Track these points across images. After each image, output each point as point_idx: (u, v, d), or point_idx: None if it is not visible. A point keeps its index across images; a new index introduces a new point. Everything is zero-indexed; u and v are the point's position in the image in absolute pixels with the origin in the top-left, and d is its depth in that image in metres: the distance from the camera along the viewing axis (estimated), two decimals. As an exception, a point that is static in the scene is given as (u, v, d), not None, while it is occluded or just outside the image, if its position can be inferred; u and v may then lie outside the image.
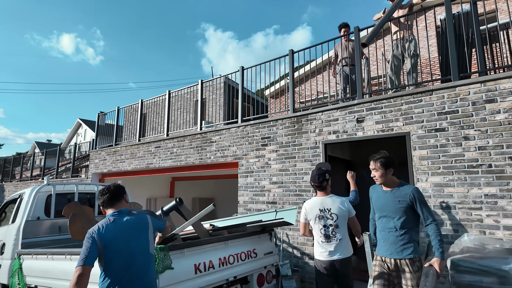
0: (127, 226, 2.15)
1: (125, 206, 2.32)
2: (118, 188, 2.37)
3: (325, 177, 2.97)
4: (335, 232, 2.84)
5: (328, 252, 2.83)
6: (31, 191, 4.60)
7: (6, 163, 16.24)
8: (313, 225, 2.93)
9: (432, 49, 7.04)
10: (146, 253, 2.18)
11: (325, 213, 2.87)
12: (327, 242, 2.85)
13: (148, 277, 2.14)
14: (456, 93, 3.73)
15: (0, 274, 4.33)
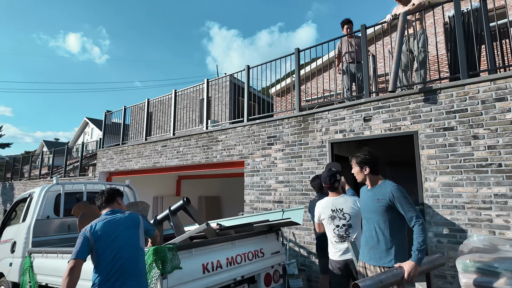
0: (118, 223, 2.32)
1: (118, 207, 2.53)
2: (112, 191, 2.58)
3: (336, 178, 2.98)
4: (348, 232, 2.84)
5: (342, 252, 2.83)
6: (40, 190, 4.66)
7: (15, 161, 16.48)
8: (327, 225, 2.95)
9: (439, 46, 6.96)
10: (135, 246, 2.30)
11: (337, 213, 2.88)
12: (340, 242, 2.85)
13: (137, 269, 2.25)
14: (465, 91, 3.69)
15: (12, 272, 4.40)
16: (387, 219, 2.32)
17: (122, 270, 2.16)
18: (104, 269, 2.16)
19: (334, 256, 2.88)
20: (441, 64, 7.21)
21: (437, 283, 3.61)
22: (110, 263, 2.17)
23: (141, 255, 2.33)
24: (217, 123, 8.13)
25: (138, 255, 2.29)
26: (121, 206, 2.58)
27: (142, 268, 2.30)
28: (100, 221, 2.32)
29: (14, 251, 4.47)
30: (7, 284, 4.50)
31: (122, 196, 2.64)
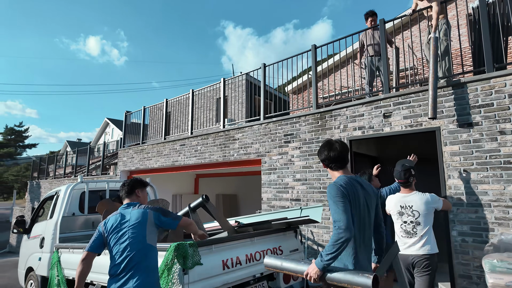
0: (127, 219, 2.34)
1: (135, 199, 2.52)
2: (132, 182, 2.58)
3: (411, 173, 2.95)
4: (416, 229, 2.83)
5: (407, 246, 2.84)
6: (66, 188, 4.85)
7: (41, 161, 17.19)
8: (394, 220, 2.99)
9: (462, 39, 6.71)
10: (142, 242, 2.27)
11: (406, 210, 2.89)
12: (407, 237, 2.87)
13: (145, 265, 2.24)
14: (491, 85, 3.55)
15: (41, 266, 4.61)
16: None
17: (132, 265, 2.20)
18: (116, 262, 2.23)
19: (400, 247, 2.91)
20: (464, 58, 6.96)
21: (462, 284, 3.50)
22: (120, 257, 2.23)
23: (149, 250, 2.30)
24: (234, 121, 8.18)
25: (145, 251, 2.28)
26: (139, 198, 2.56)
27: (150, 263, 2.28)
28: (113, 215, 2.40)
29: (42, 246, 4.68)
30: (36, 277, 4.71)
31: (143, 187, 2.62)
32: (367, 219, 1.99)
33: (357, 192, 1.96)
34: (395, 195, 3.06)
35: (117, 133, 25.42)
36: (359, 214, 1.94)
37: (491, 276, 2.61)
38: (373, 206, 2.06)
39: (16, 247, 14.81)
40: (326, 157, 2.08)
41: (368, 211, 2.00)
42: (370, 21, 5.19)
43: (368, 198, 2.02)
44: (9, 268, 9.14)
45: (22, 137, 35.31)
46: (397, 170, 3.02)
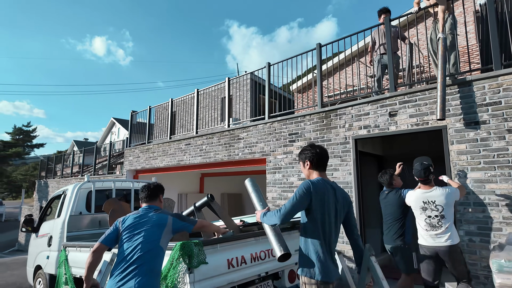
0: (147, 219, 2.39)
1: (158, 204, 2.58)
2: (156, 187, 2.63)
3: (431, 171, 3.06)
4: (441, 222, 2.93)
5: (432, 239, 2.95)
6: (73, 187, 4.90)
7: (49, 161, 17.40)
8: (417, 215, 3.05)
9: (469, 36, 6.63)
10: (155, 243, 2.31)
11: (429, 205, 2.97)
12: (433, 230, 2.96)
13: (152, 266, 2.26)
14: (499, 83, 3.50)
15: (49, 264, 4.67)
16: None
17: (139, 263, 2.22)
18: (124, 258, 2.25)
19: (425, 242, 2.99)
20: (472, 55, 6.87)
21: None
22: (130, 253, 2.26)
23: (158, 253, 2.33)
24: (239, 121, 8.19)
25: (154, 253, 2.30)
26: (162, 203, 2.65)
27: (157, 265, 2.31)
28: (133, 214, 2.45)
29: (50, 244, 4.74)
30: (44, 275, 4.77)
31: (164, 193, 2.71)
32: (333, 223, 2.08)
33: (328, 195, 2.05)
34: (415, 191, 3.11)
35: (123, 133, 25.62)
36: (328, 215, 2.03)
37: (498, 276, 2.58)
38: (342, 213, 2.13)
39: (24, 245, 15.03)
40: (311, 155, 2.14)
41: (336, 216, 2.08)
42: (383, 18, 5.02)
43: (339, 204, 2.11)
44: (18, 266, 9.28)
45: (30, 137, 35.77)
46: (416, 169, 3.09)
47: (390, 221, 3.59)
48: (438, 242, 2.93)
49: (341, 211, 2.11)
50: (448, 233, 2.93)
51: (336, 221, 2.10)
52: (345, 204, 2.15)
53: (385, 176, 3.79)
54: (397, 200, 3.53)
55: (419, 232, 3.07)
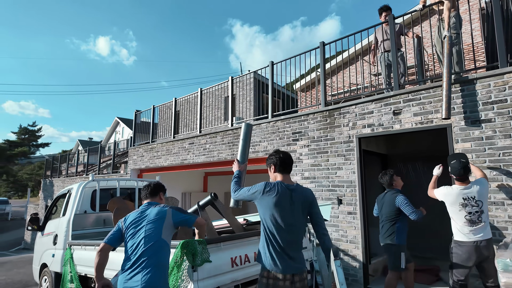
0: (147, 214, 2.45)
1: (158, 200, 2.67)
2: (157, 185, 2.75)
3: (469, 168, 3.05)
4: (480, 218, 2.93)
5: (473, 234, 2.93)
6: (78, 186, 4.94)
7: (54, 160, 17.55)
8: (456, 211, 3.02)
9: (475, 33, 6.56)
10: (156, 237, 2.34)
11: (469, 201, 2.96)
12: (472, 225, 2.94)
13: (156, 260, 2.27)
14: (504, 80, 3.47)
15: (54, 263, 4.71)
16: None
17: (143, 258, 2.25)
18: (129, 256, 2.30)
19: (463, 238, 2.97)
20: (477, 53, 6.81)
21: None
22: (134, 250, 2.30)
23: (162, 246, 2.35)
24: (242, 120, 8.19)
25: (158, 246, 2.32)
26: (162, 201, 2.72)
27: (162, 259, 2.32)
28: (134, 212, 2.51)
29: (56, 243, 4.78)
30: (50, 274, 4.82)
31: (165, 192, 2.82)
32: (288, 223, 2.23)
33: (283, 197, 2.25)
34: (453, 189, 3.05)
35: (127, 132, 25.75)
36: (279, 215, 2.22)
37: (504, 276, 2.56)
38: (299, 213, 2.28)
39: (30, 243, 15.19)
40: (275, 160, 2.39)
41: (292, 216, 2.25)
42: (384, 16, 5.02)
43: (294, 205, 2.27)
44: (24, 264, 9.38)
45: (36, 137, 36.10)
46: (455, 167, 3.03)
47: (384, 221, 3.70)
48: (479, 237, 2.91)
49: (297, 211, 2.27)
50: (487, 227, 2.95)
51: (293, 221, 2.24)
52: (304, 205, 2.30)
53: (385, 177, 3.82)
54: (392, 201, 3.61)
55: (457, 229, 3.01)
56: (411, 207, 3.51)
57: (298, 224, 2.29)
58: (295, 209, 2.26)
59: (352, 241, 4.55)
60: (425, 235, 5.47)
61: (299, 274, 2.22)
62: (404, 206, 3.53)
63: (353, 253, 4.54)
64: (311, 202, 2.34)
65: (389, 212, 3.64)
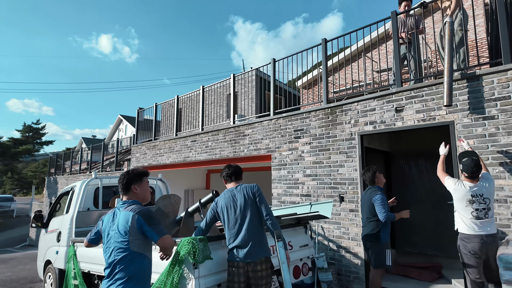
0: (116, 220, 2.19)
1: (133, 197, 2.29)
2: (128, 177, 2.30)
3: (480, 166, 3.04)
4: (488, 214, 2.94)
5: (478, 227, 2.94)
6: (81, 184, 4.97)
7: (58, 158, 17.67)
8: (462, 207, 3.02)
9: (479, 30, 6.49)
10: (126, 250, 2.11)
11: (477, 199, 2.97)
12: (479, 221, 2.95)
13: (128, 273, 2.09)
14: (508, 77, 3.43)
15: (58, 259, 4.76)
16: None
17: (115, 271, 2.10)
18: (105, 266, 2.17)
19: (469, 231, 2.97)
20: (481, 49, 6.74)
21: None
22: (107, 261, 2.16)
23: (133, 258, 2.11)
24: (244, 117, 8.19)
25: (128, 259, 2.10)
26: (137, 194, 2.30)
27: (134, 271, 2.11)
28: (109, 213, 2.29)
29: (59, 240, 4.83)
30: (54, 270, 4.87)
31: (140, 180, 2.33)
32: (239, 218, 2.68)
33: (229, 200, 2.77)
34: (463, 186, 3.03)
35: (130, 130, 25.84)
36: (231, 214, 2.72)
37: (505, 273, 2.55)
38: (244, 207, 2.71)
39: (35, 240, 15.35)
40: (225, 174, 2.96)
41: (241, 212, 2.70)
42: (404, 5, 4.82)
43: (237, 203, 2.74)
44: (29, 260, 9.48)
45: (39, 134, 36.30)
46: (467, 164, 3.00)
47: (368, 219, 3.72)
48: (485, 231, 2.92)
49: (242, 207, 2.71)
50: (493, 223, 2.97)
51: (242, 216, 2.68)
52: (247, 200, 2.72)
53: (368, 174, 3.82)
54: (371, 199, 3.64)
55: (463, 222, 3.02)
56: (383, 207, 3.53)
57: (247, 217, 2.67)
58: (240, 206, 2.71)
59: (354, 238, 4.55)
60: (428, 232, 5.46)
61: (252, 263, 2.58)
62: (377, 204, 3.56)
63: (355, 250, 4.54)
64: (253, 194, 2.76)
65: (370, 210, 3.67)
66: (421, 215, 5.51)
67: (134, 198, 2.30)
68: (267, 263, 2.67)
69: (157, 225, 2.17)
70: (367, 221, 3.75)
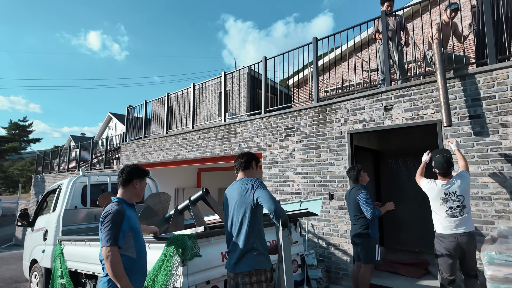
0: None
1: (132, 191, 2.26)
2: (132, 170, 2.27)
3: (452, 163, 3.07)
4: (462, 212, 2.95)
5: (453, 227, 2.95)
6: (68, 182, 4.89)
7: (45, 156, 17.33)
8: (437, 206, 3.04)
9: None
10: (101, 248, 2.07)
11: (450, 196, 2.99)
12: (453, 219, 2.96)
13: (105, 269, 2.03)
14: (493, 77, 3.51)
15: (44, 258, 4.67)
16: None
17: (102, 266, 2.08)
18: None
19: (444, 230, 2.99)
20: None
21: (460, 276, 3.51)
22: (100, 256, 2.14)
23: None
24: (235, 115, 8.18)
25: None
26: (136, 190, 2.27)
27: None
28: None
29: (46, 238, 4.74)
30: (40, 269, 4.78)
31: (143, 177, 2.31)
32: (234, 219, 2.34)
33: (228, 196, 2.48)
34: (436, 184, 3.07)
35: (120, 128, 25.51)
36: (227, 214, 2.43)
37: (489, 268, 2.62)
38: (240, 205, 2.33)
39: (22, 240, 15.04)
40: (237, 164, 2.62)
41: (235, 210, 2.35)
42: (386, 6, 4.86)
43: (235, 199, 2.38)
44: (15, 260, 9.28)
45: (26, 132, 35.56)
46: (438, 161, 3.05)
47: (355, 217, 3.78)
48: (460, 230, 2.93)
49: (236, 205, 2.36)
50: (468, 220, 2.95)
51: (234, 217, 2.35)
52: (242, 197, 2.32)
53: (352, 172, 3.89)
54: (355, 197, 3.71)
55: (439, 222, 3.04)
56: (368, 205, 3.60)
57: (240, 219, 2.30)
58: (233, 204, 2.37)
59: (343, 235, 4.59)
60: (415, 230, 5.55)
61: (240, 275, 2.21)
62: (362, 203, 3.63)
63: (344, 247, 4.59)
64: (252, 185, 2.32)
65: (357, 208, 3.73)
66: (409, 213, 5.60)
67: (129, 193, 2.24)
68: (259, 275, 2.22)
69: (106, 233, 2.00)
70: (355, 218, 3.80)
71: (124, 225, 2.08)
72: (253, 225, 2.28)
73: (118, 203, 2.13)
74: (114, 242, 1.99)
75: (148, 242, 2.84)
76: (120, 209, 2.09)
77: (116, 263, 1.96)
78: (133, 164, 2.37)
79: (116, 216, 2.04)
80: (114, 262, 1.96)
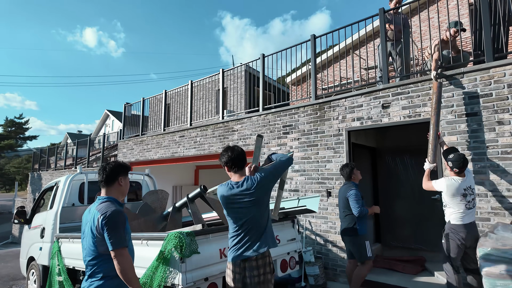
0: (88, 218, 2.03)
1: (117, 189, 2.12)
2: (116, 167, 2.13)
3: (467, 160, 3.15)
4: (475, 202, 3.16)
5: (469, 217, 3.11)
6: (65, 179, 4.87)
7: (42, 153, 17.23)
8: (456, 202, 3.10)
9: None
10: (95, 252, 1.98)
11: (468, 191, 3.10)
12: (468, 210, 3.10)
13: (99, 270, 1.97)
14: (490, 75, 3.53)
15: (42, 256, 4.66)
16: None
17: (89, 270, 2.00)
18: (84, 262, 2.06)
19: (460, 221, 3.09)
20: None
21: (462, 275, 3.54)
22: (83, 257, 2.04)
23: (103, 259, 1.96)
24: (233, 113, 8.17)
25: (99, 260, 1.96)
26: (121, 188, 2.13)
27: (104, 271, 1.96)
28: (87, 209, 2.13)
29: (43, 236, 4.72)
30: (37, 267, 4.77)
31: (126, 174, 2.17)
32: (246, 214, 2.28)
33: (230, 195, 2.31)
34: (455, 181, 3.10)
35: (117, 125, 25.40)
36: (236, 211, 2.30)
37: (485, 264, 2.64)
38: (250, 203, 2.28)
39: (18, 237, 14.97)
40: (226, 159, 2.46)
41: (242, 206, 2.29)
42: (394, 2, 4.82)
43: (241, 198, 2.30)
44: (12, 258, 9.26)
45: (23, 129, 35.32)
46: (455, 160, 3.09)
47: (344, 213, 3.80)
48: (472, 219, 3.12)
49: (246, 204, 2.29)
50: (474, 211, 3.18)
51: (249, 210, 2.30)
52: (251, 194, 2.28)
53: (345, 170, 3.91)
54: (346, 194, 3.73)
55: (456, 215, 3.11)
56: (357, 202, 3.61)
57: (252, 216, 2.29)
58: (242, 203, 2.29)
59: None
60: (412, 227, 5.58)
61: (248, 260, 2.27)
62: (351, 200, 3.65)
63: (342, 244, 4.61)
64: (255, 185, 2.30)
65: (346, 205, 3.75)
66: (406, 210, 5.63)
67: (115, 192, 2.10)
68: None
69: (116, 234, 1.90)
70: (343, 215, 3.82)
71: (127, 226, 2.03)
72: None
73: (112, 203, 2.02)
74: (125, 243, 1.93)
75: (146, 239, 2.84)
76: (119, 209, 2.00)
77: (131, 265, 1.92)
78: (114, 161, 2.22)
79: (120, 217, 1.96)
80: (130, 265, 1.91)
